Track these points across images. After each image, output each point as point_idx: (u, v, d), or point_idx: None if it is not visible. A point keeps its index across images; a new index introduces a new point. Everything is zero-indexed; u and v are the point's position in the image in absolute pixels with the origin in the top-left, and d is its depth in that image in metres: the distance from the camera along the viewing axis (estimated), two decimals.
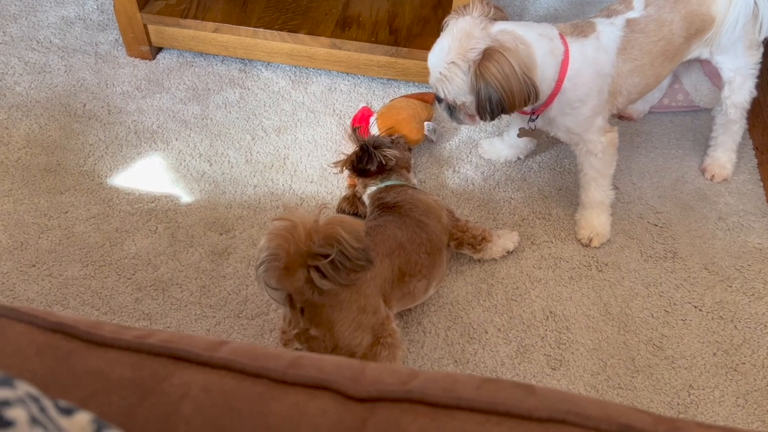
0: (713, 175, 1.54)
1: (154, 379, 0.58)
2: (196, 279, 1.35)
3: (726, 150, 1.52)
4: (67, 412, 0.42)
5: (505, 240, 1.37)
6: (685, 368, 1.24)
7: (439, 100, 1.30)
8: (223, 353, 0.61)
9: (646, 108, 1.66)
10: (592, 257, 1.40)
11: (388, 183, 1.34)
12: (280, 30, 1.67)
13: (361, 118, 1.57)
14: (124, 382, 0.57)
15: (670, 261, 1.40)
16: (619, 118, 1.66)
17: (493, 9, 1.22)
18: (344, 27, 1.68)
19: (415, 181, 1.42)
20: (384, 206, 1.29)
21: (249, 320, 1.30)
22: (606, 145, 1.33)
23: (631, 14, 1.28)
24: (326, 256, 0.92)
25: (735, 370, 1.24)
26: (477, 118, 1.25)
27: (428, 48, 1.61)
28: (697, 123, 1.65)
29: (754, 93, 1.45)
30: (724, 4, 1.28)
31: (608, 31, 1.26)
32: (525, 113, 1.33)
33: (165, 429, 0.55)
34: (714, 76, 1.57)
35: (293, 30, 1.67)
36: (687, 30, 1.30)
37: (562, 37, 1.23)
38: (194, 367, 0.59)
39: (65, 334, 0.61)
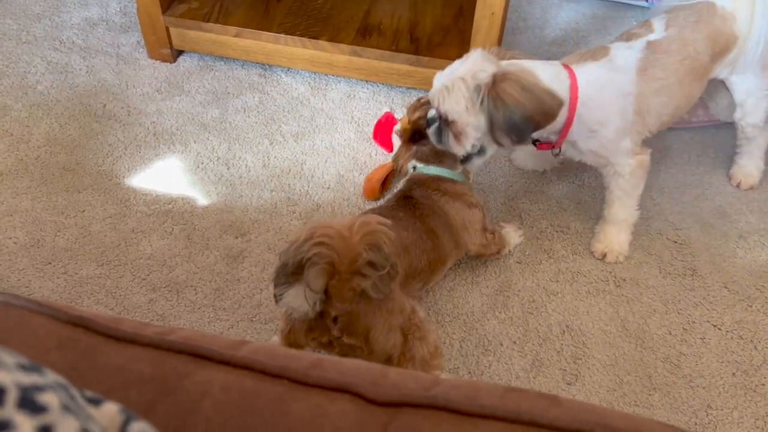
0: (740, 182, 1.54)
1: (174, 376, 0.57)
2: (210, 281, 1.35)
3: (752, 158, 1.52)
4: (95, 402, 0.42)
5: (511, 237, 1.39)
6: (704, 387, 1.22)
7: (429, 123, 1.25)
8: (243, 352, 0.60)
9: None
10: (610, 272, 1.39)
11: (438, 171, 1.28)
12: (301, 36, 1.68)
13: (385, 124, 1.56)
14: (144, 378, 0.57)
15: (689, 278, 1.38)
16: None
17: (508, 53, 1.24)
18: (365, 34, 1.69)
19: (470, 181, 1.34)
20: (406, 198, 1.25)
21: (262, 324, 1.29)
22: (634, 167, 1.31)
23: (652, 36, 1.27)
24: (372, 264, 0.90)
25: (754, 391, 1.21)
26: (464, 141, 1.21)
27: (449, 57, 1.61)
28: (717, 139, 1.64)
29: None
30: (746, 21, 1.28)
31: (624, 54, 1.25)
32: (545, 148, 1.31)
33: (184, 427, 0.54)
34: None
35: (314, 36, 1.68)
36: (712, 48, 1.29)
37: (565, 66, 1.22)
38: (215, 366, 0.59)
39: (86, 328, 0.61)
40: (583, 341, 1.28)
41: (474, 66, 1.17)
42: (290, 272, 0.91)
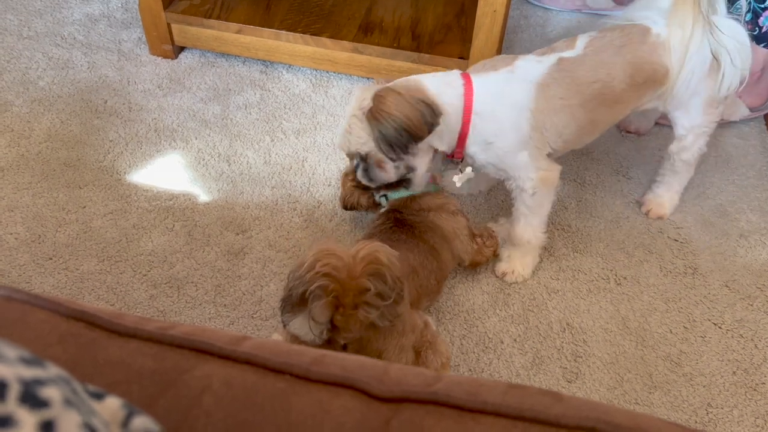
0: (649, 211, 1.47)
1: (175, 371, 0.57)
2: (211, 278, 1.35)
3: (670, 190, 1.45)
4: (98, 396, 0.42)
5: (504, 231, 1.38)
6: (704, 386, 1.22)
7: (356, 168, 1.26)
8: (245, 348, 0.60)
9: (650, 124, 1.63)
10: (611, 270, 1.39)
11: (409, 191, 1.27)
12: (303, 33, 1.68)
13: None
14: (145, 373, 0.57)
15: (690, 277, 1.38)
16: (627, 132, 1.64)
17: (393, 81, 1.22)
18: (367, 32, 1.68)
19: (458, 183, 1.32)
20: (400, 222, 1.24)
21: (263, 321, 1.29)
22: (537, 183, 1.24)
23: (566, 54, 1.21)
24: (378, 294, 0.88)
25: (755, 390, 1.21)
26: (388, 167, 1.22)
27: (451, 55, 1.62)
28: (718, 139, 1.64)
29: (704, 150, 1.37)
30: (678, 55, 1.20)
31: (529, 67, 1.20)
32: (449, 157, 1.28)
33: (185, 421, 0.54)
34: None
35: (316, 33, 1.68)
36: (632, 77, 1.21)
37: (464, 75, 1.20)
38: (216, 361, 0.59)
39: (87, 322, 0.61)
40: (583, 339, 1.28)
41: (358, 100, 1.19)
42: (294, 303, 0.89)
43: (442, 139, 1.21)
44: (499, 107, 1.20)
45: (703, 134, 1.35)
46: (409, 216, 1.25)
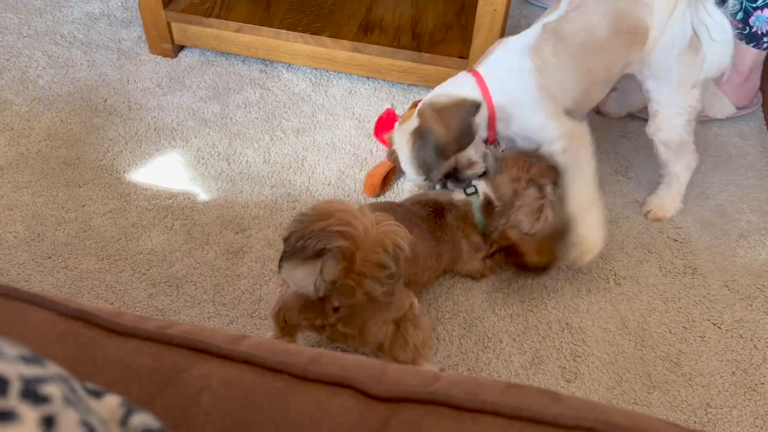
0: (649, 212, 1.47)
1: (174, 370, 0.57)
2: (210, 277, 1.35)
3: (669, 190, 1.45)
4: (96, 394, 0.42)
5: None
6: (703, 386, 1.22)
7: (435, 186, 1.39)
8: (243, 347, 0.60)
9: (623, 111, 1.66)
10: (610, 270, 1.39)
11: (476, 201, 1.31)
12: (303, 32, 1.67)
13: (386, 120, 1.56)
14: (144, 372, 0.57)
15: (689, 277, 1.38)
16: (598, 113, 1.67)
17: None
18: (367, 31, 1.68)
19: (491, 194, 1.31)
20: (436, 215, 1.26)
21: (262, 320, 1.29)
22: (564, 141, 1.27)
23: (550, 18, 1.29)
24: (389, 273, 0.90)
25: (754, 390, 1.21)
26: (476, 161, 1.34)
27: (451, 54, 1.62)
28: (719, 139, 1.64)
29: (684, 135, 1.35)
30: (661, 18, 1.22)
31: (519, 38, 1.31)
32: (489, 142, 1.37)
33: (184, 420, 0.54)
34: (720, 82, 1.55)
35: (316, 32, 1.67)
36: (614, 23, 1.24)
37: (470, 71, 1.32)
38: (215, 360, 0.59)
39: (86, 321, 0.61)
40: (582, 339, 1.28)
41: (406, 133, 1.33)
42: (308, 255, 0.89)
43: (482, 128, 1.32)
44: (506, 78, 1.29)
45: (677, 115, 1.33)
46: (450, 221, 1.28)
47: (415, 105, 1.62)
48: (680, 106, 1.33)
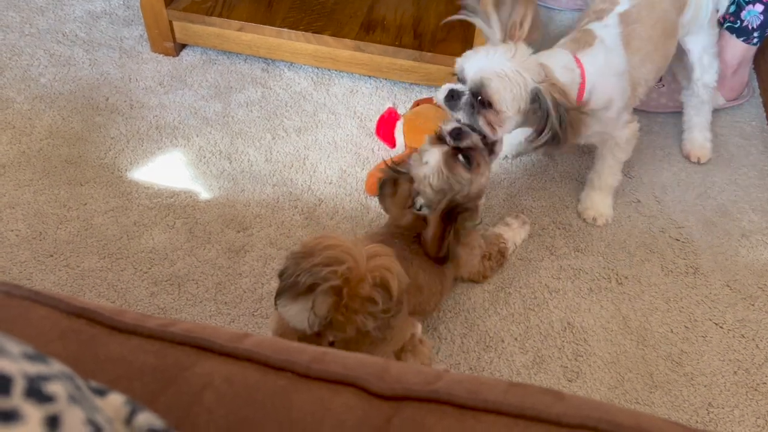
0: (699, 158, 1.58)
1: (176, 368, 0.57)
2: (212, 275, 1.35)
3: (702, 129, 1.57)
4: (101, 392, 0.42)
5: (517, 235, 1.40)
6: (705, 386, 1.22)
7: (458, 95, 1.20)
8: (246, 345, 0.60)
9: None
10: (612, 270, 1.38)
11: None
12: (305, 31, 1.67)
13: (388, 119, 1.56)
14: (146, 370, 0.57)
15: (691, 277, 1.37)
16: None
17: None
18: (368, 30, 1.68)
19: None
20: (415, 234, 1.20)
21: (264, 319, 1.29)
22: (629, 135, 1.37)
23: (619, 8, 1.29)
24: (380, 305, 0.88)
25: (756, 390, 1.21)
26: (498, 129, 1.18)
27: (453, 53, 1.61)
28: (719, 138, 1.63)
29: (715, 83, 1.51)
30: None
31: (607, 33, 1.27)
32: None
33: (186, 418, 0.54)
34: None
35: (318, 31, 1.67)
36: (677, 4, 1.33)
37: (576, 59, 1.23)
38: (217, 358, 0.59)
39: (88, 319, 0.61)
40: (584, 338, 1.28)
41: (525, 62, 1.17)
42: (300, 291, 0.89)
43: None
44: (606, 79, 1.26)
45: (714, 54, 1.48)
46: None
47: (416, 104, 1.62)
48: (714, 46, 1.47)
